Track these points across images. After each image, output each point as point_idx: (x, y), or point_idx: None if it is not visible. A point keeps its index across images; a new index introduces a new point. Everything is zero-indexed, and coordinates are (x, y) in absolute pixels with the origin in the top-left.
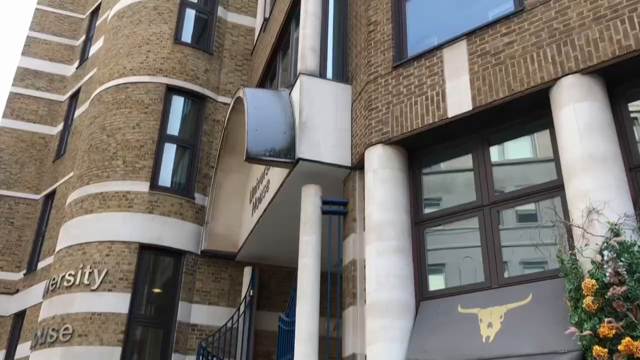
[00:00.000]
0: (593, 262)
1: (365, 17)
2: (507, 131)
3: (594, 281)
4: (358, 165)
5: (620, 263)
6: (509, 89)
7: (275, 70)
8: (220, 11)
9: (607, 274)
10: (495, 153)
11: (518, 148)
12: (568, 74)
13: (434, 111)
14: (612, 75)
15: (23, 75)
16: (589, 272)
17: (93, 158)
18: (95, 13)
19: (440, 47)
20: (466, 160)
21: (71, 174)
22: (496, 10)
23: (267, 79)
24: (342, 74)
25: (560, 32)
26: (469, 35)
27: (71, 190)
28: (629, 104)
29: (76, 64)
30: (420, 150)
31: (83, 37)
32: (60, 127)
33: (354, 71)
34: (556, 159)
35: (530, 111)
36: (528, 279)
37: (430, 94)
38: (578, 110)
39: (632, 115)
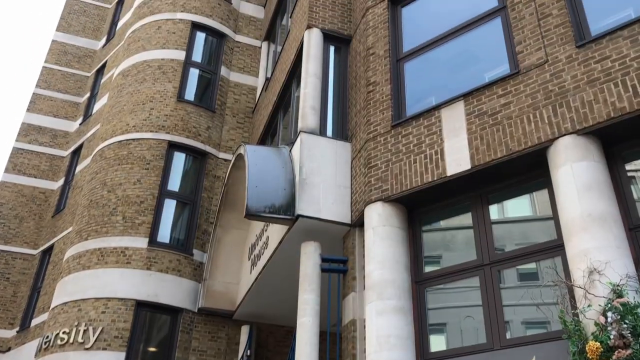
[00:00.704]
0: (596, 323)
1: (365, 78)
2: (506, 190)
3: (598, 344)
4: (358, 223)
5: (625, 325)
6: (506, 148)
7: (276, 127)
8: (223, 71)
9: (612, 337)
10: (494, 211)
11: (517, 206)
12: (565, 135)
13: (432, 169)
14: (608, 136)
15: (27, 131)
16: (592, 334)
17: (93, 213)
18: (100, 71)
19: (438, 107)
20: (466, 218)
21: (70, 229)
22: (492, 72)
23: (268, 136)
24: (342, 132)
25: (556, 94)
26: (466, 96)
27: (69, 245)
28: (626, 164)
29: (80, 120)
30: (420, 207)
31: (88, 94)
32: (61, 182)
33: (353, 129)
34: (555, 217)
35: (528, 170)
36: (531, 341)
37: (429, 152)
38: (575, 170)
39: (630, 175)
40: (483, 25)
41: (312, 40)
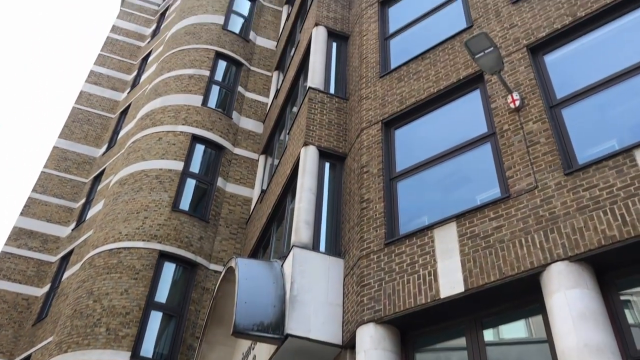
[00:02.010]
0: None
1: (359, 195)
2: (500, 314)
3: None
4: (349, 344)
5: None
6: (500, 272)
7: (269, 239)
8: (220, 181)
9: None
10: (489, 333)
11: (513, 328)
12: (557, 261)
13: (426, 291)
14: (601, 263)
15: (17, 235)
16: None
17: (75, 324)
18: (98, 178)
19: (431, 227)
20: (460, 342)
21: (50, 339)
22: (484, 194)
23: (260, 248)
24: (335, 248)
25: (547, 220)
26: (458, 217)
27: (47, 357)
28: (620, 292)
29: (72, 225)
30: (413, 330)
31: (83, 200)
32: (46, 288)
33: (346, 245)
34: (551, 342)
35: (522, 295)
36: None
37: (423, 273)
38: (569, 297)
39: (624, 301)
40: (474, 150)
41: (308, 157)
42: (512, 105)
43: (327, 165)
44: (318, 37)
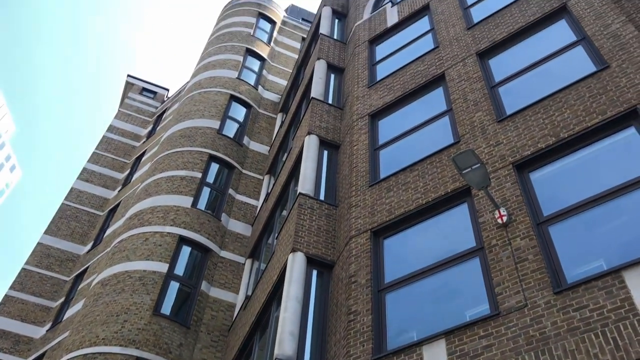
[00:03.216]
0: None
1: (346, 306)
2: None
3: None
4: None
5: None
6: None
7: (251, 349)
8: (204, 285)
9: None
10: None
11: None
12: None
13: None
14: None
15: None
16: None
17: None
18: (80, 276)
19: (419, 343)
20: None
21: None
22: (473, 310)
23: (242, 358)
24: None
25: (537, 340)
26: (447, 334)
27: None
28: None
29: (48, 326)
30: None
31: (62, 299)
32: None
33: None
34: None
35: None
36: None
37: None
38: None
39: None
40: (463, 263)
41: (296, 264)
42: (499, 221)
43: (315, 273)
44: (310, 144)
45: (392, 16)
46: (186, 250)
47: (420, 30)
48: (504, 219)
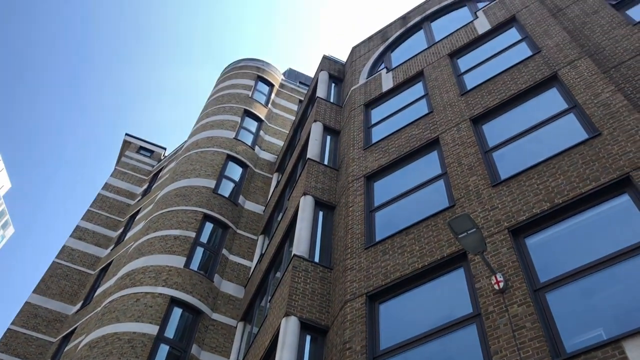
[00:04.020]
0: None
1: None
2: None
3: None
4: None
5: None
6: None
7: None
8: (194, 349)
9: None
10: None
11: None
12: None
13: None
14: None
15: None
16: None
17: None
18: (67, 337)
19: None
20: None
21: None
22: None
23: None
24: None
25: None
26: None
27: None
28: None
29: None
30: None
31: None
32: None
33: None
34: None
35: None
36: None
37: None
38: None
39: None
40: (460, 330)
41: (289, 329)
42: (496, 287)
43: (308, 338)
44: (306, 205)
45: (387, 81)
46: (177, 311)
47: (415, 95)
48: (501, 284)
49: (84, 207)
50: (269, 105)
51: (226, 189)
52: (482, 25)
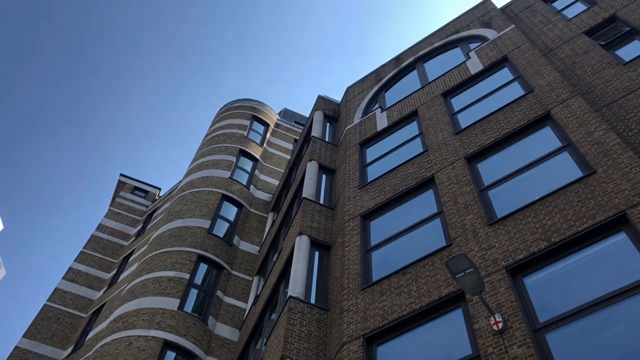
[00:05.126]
0: None
1: None
2: None
3: None
4: None
5: None
6: None
7: None
8: None
9: None
10: None
11: None
12: None
13: None
14: None
15: None
16: None
17: None
18: None
19: None
20: None
21: None
22: None
23: None
24: None
25: None
26: None
27: None
28: None
29: None
30: None
31: None
32: None
33: None
34: None
35: None
36: None
37: None
38: None
39: None
40: None
41: None
42: (495, 328)
43: None
44: (301, 245)
45: (382, 121)
46: (171, 355)
47: (409, 134)
48: (500, 325)
49: (77, 249)
50: (264, 145)
51: (221, 229)
52: (475, 65)
